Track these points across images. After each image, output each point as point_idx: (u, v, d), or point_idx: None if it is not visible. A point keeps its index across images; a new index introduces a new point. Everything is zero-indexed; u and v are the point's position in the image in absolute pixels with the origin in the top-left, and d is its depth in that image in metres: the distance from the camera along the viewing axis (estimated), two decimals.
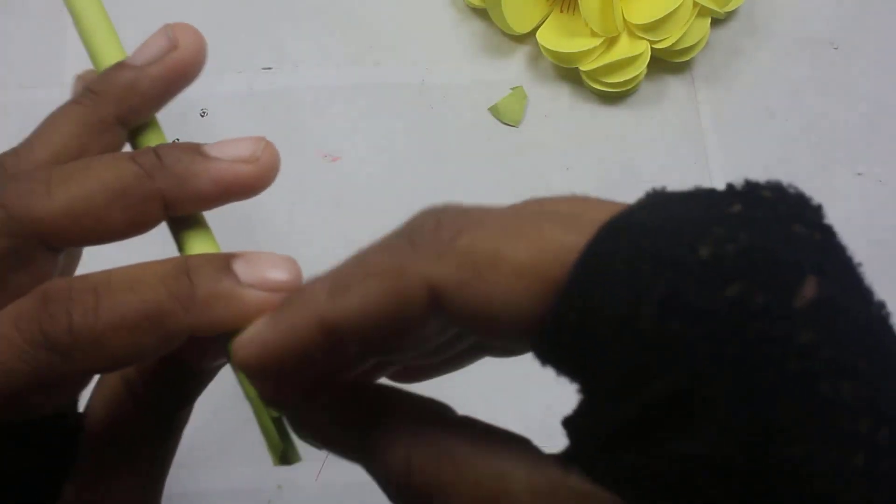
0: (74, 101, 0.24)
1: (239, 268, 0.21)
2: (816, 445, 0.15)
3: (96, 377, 0.23)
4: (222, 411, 0.42)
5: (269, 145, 0.24)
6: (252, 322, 0.21)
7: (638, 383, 0.16)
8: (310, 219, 0.45)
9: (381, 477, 0.19)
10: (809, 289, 0.15)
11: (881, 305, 0.17)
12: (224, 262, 0.21)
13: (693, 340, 0.15)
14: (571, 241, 0.17)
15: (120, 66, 0.24)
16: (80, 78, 0.27)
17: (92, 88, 0.24)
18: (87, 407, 0.24)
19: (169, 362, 0.24)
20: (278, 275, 0.21)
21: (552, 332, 0.17)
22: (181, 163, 0.22)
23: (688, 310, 0.15)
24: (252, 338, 0.20)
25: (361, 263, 0.19)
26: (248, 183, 0.23)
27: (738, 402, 0.15)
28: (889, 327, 0.17)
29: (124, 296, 0.20)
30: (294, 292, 0.20)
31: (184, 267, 0.21)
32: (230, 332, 0.21)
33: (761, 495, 0.15)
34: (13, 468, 0.21)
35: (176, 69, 0.25)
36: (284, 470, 0.41)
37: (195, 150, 0.23)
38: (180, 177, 0.22)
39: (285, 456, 0.22)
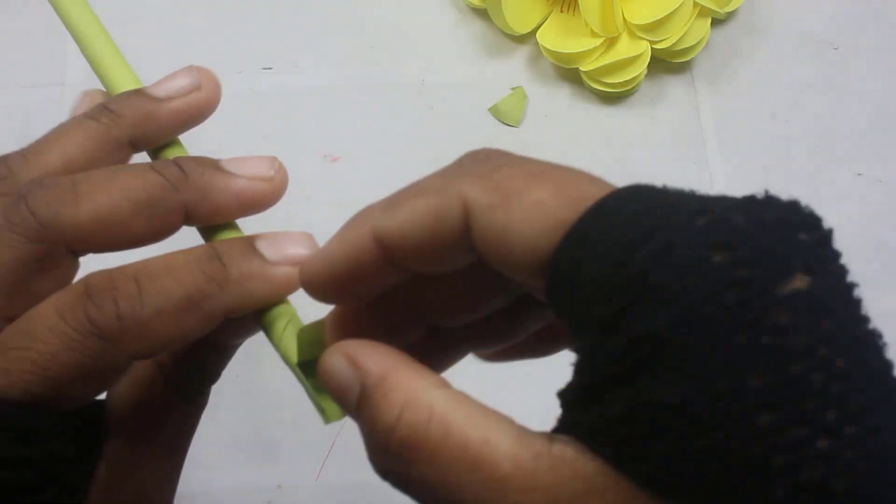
0: (90, 117, 0.25)
1: (263, 247, 0.23)
2: (782, 419, 0.15)
3: None
4: (222, 412, 0.42)
5: (282, 165, 0.25)
6: (283, 296, 0.23)
7: (619, 323, 0.17)
8: (310, 219, 0.45)
9: (367, 426, 0.20)
10: (798, 282, 0.16)
11: (867, 320, 0.18)
12: (249, 244, 0.23)
13: (676, 292, 0.16)
14: (592, 192, 0.18)
15: (141, 93, 0.26)
16: (87, 95, 0.28)
17: (110, 108, 0.25)
18: (112, 391, 0.25)
19: (197, 341, 0.25)
20: (300, 250, 0.23)
21: (554, 267, 0.18)
22: (204, 176, 0.23)
23: (676, 264, 0.16)
24: (316, 256, 0.21)
25: (414, 185, 0.21)
26: (265, 200, 0.25)
27: (709, 358, 0.15)
28: (873, 340, 0.17)
29: (164, 282, 0.21)
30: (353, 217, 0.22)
31: (213, 252, 0.22)
32: (262, 309, 0.23)
33: (721, 456, 0.15)
34: (52, 455, 0.22)
35: (195, 108, 0.26)
36: (284, 470, 0.42)
37: (215, 165, 0.24)
38: (203, 190, 0.23)
39: (333, 413, 0.23)
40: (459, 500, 0.17)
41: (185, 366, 0.25)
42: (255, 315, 0.23)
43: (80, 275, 0.23)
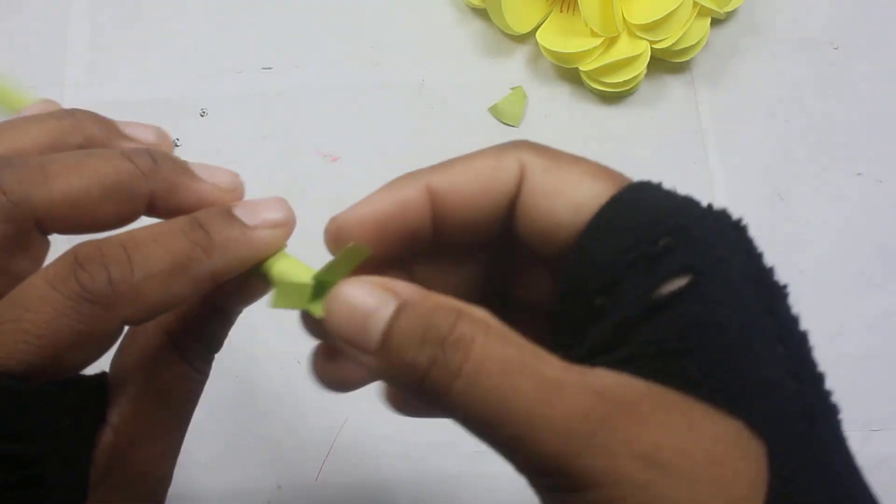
0: (53, 117, 0.26)
1: (241, 214, 0.24)
2: (739, 318, 0.20)
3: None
4: (222, 412, 0.42)
5: (241, 184, 0.26)
6: (263, 257, 0.24)
7: (664, 259, 0.20)
8: (310, 219, 0.45)
9: (405, 342, 0.20)
10: (679, 282, 0.20)
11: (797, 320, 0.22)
12: (227, 212, 0.24)
13: (712, 244, 0.21)
14: (624, 178, 0.23)
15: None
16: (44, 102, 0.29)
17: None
18: (117, 360, 0.26)
19: (202, 308, 0.26)
20: (275, 214, 0.24)
21: (599, 215, 0.22)
22: (174, 172, 0.24)
23: (710, 228, 0.21)
24: (362, 202, 0.24)
25: (469, 154, 0.23)
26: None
27: (738, 292, 0.20)
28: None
29: (151, 248, 0.22)
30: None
31: (195, 221, 0.23)
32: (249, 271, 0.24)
33: (749, 369, 0.19)
34: (52, 427, 0.22)
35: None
36: (284, 470, 0.42)
37: (185, 165, 0.25)
38: (171, 185, 0.24)
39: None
40: (513, 404, 0.18)
41: (193, 332, 0.26)
42: (246, 274, 0.24)
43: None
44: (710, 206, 0.22)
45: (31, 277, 0.22)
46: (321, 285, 0.23)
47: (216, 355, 0.28)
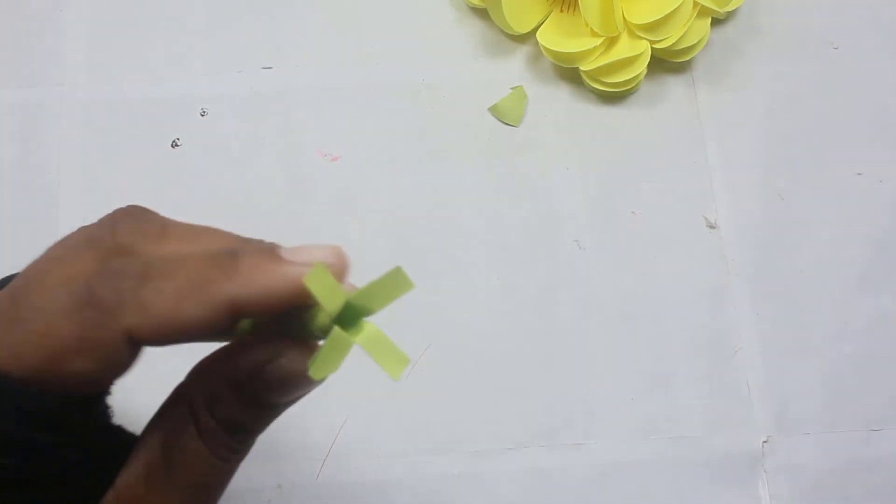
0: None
1: (284, 252, 0.22)
2: None
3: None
4: None
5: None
6: (294, 293, 0.21)
7: None
8: (310, 218, 0.45)
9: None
10: None
11: None
12: (271, 246, 0.22)
13: None
14: None
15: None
16: None
17: None
18: (148, 426, 0.24)
19: (236, 391, 0.23)
20: (321, 253, 0.22)
21: None
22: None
23: None
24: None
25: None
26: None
27: None
28: None
29: (171, 266, 0.21)
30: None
31: (233, 250, 0.22)
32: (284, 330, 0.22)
33: None
34: (65, 462, 0.22)
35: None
36: (284, 470, 0.42)
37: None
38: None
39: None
40: None
41: (221, 416, 0.24)
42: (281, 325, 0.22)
43: None
44: None
45: (54, 269, 0.21)
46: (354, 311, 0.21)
47: None
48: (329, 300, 0.21)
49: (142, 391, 0.26)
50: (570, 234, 0.46)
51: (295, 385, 0.23)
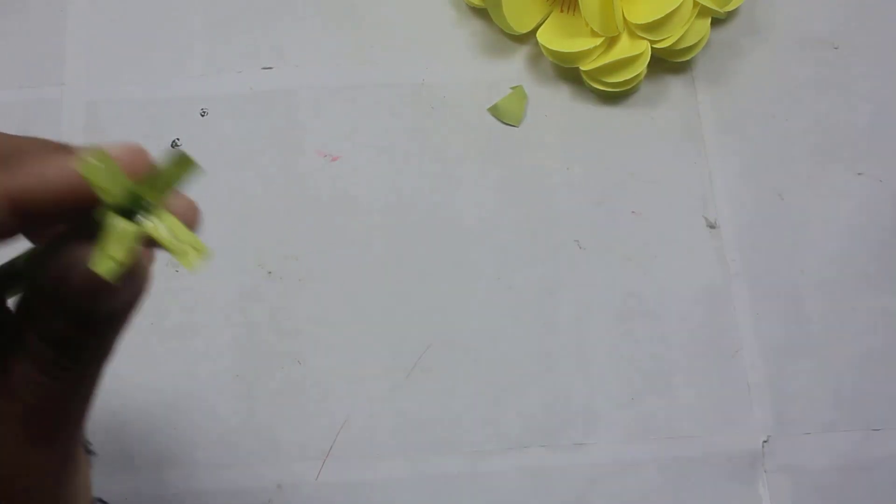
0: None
1: (77, 149, 0.21)
2: None
3: None
4: (221, 412, 0.42)
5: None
6: (77, 184, 0.20)
7: None
8: (310, 218, 0.45)
9: None
10: None
11: None
12: (64, 145, 0.22)
13: None
14: None
15: None
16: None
17: None
18: None
19: (50, 303, 0.22)
20: (115, 151, 0.21)
21: None
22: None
23: None
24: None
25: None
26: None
27: None
28: None
29: None
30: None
31: (21, 148, 0.21)
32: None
33: None
34: None
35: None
36: (284, 470, 0.42)
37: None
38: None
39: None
40: None
41: (43, 333, 0.22)
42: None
43: None
44: None
45: None
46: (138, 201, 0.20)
47: (216, 355, 0.26)
48: (109, 189, 0.20)
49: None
50: (570, 234, 0.46)
51: (102, 288, 0.21)
